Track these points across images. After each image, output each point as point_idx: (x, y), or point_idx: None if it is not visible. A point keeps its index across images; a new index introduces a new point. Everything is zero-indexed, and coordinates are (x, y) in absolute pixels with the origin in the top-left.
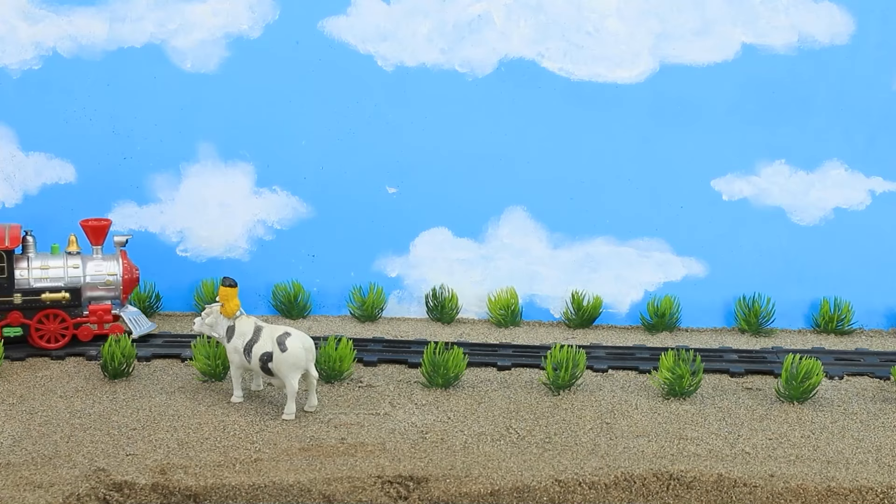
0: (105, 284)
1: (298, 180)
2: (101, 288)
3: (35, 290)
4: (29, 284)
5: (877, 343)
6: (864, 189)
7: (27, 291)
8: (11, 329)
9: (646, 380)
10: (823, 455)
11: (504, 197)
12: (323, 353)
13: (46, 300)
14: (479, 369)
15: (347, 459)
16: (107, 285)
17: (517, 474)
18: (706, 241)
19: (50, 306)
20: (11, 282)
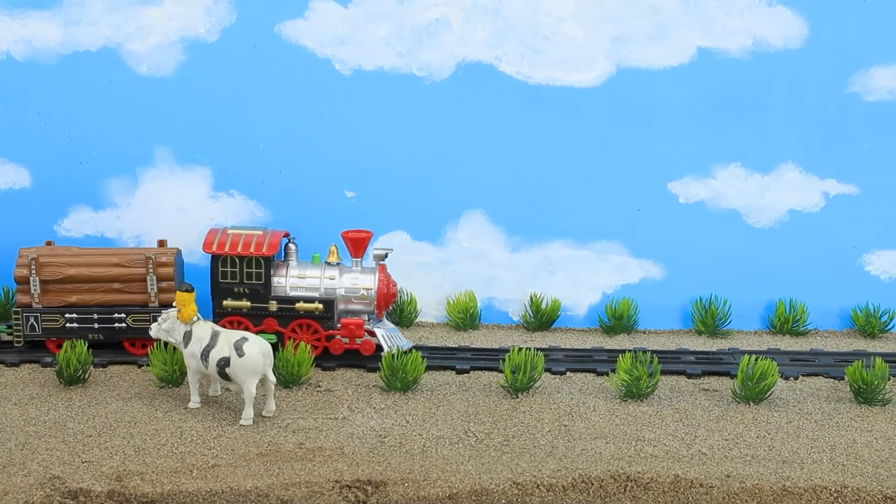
0: (360, 298)
1: (256, 185)
2: (356, 301)
3: (290, 298)
4: (285, 292)
5: (831, 343)
6: (819, 191)
7: (283, 299)
8: (266, 336)
9: (603, 382)
10: (779, 455)
11: (462, 200)
12: (281, 358)
13: (300, 310)
14: (437, 373)
15: (305, 464)
16: (361, 299)
17: (475, 477)
18: (663, 243)
19: (303, 316)
20: (268, 289)
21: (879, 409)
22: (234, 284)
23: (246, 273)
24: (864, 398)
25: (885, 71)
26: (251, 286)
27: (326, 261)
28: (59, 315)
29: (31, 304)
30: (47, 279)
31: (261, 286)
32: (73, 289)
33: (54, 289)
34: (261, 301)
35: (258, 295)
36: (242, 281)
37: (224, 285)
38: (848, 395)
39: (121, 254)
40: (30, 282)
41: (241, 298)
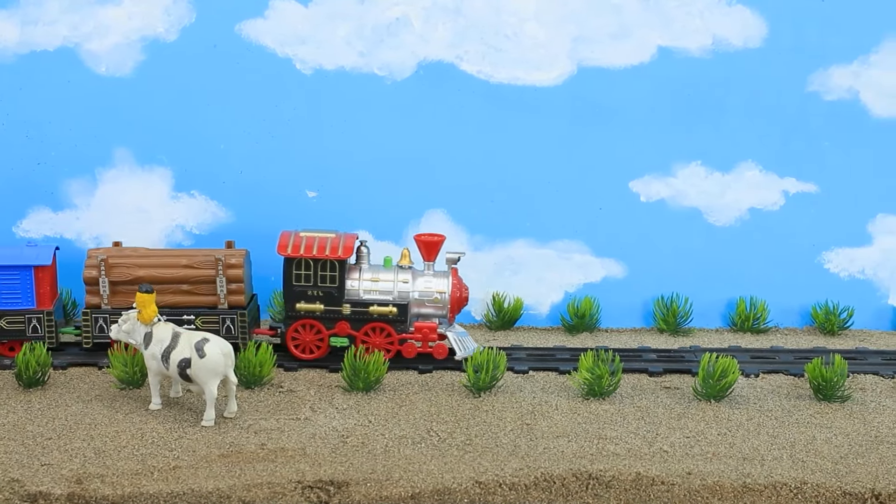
0: (433, 302)
1: (217, 185)
2: (429, 305)
3: (364, 301)
4: (359, 296)
5: (791, 341)
6: (778, 190)
7: (356, 303)
8: (338, 339)
9: (566, 380)
10: (739, 452)
11: (424, 200)
12: (243, 359)
13: (374, 313)
14: (399, 372)
15: (267, 465)
16: (434, 303)
17: (438, 477)
18: (625, 242)
19: (377, 319)
20: (342, 292)
21: (839, 405)
22: (308, 287)
23: (320, 276)
24: (824, 395)
25: (844, 70)
26: (325, 289)
27: (398, 264)
28: None
29: (99, 305)
30: (116, 280)
31: (335, 289)
32: None
33: (123, 290)
34: (334, 304)
35: (332, 298)
36: (316, 284)
37: (298, 288)
38: (808, 392)
39: (190, 255)
40: (99, 283)
41: (314, 301)
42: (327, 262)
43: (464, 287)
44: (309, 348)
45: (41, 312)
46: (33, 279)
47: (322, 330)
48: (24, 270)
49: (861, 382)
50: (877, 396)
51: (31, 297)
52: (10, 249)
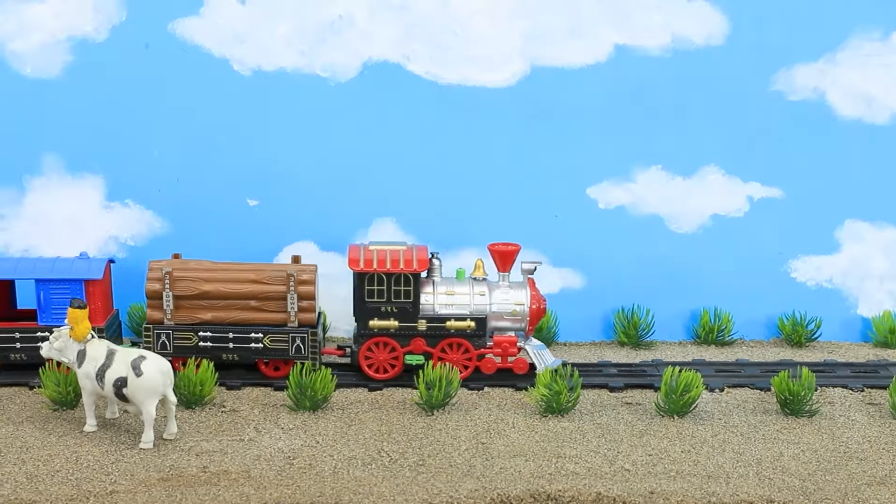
0: (511, 315)
1: (152, 193)
2: (507, 318)
3: (440, 317)
4: (434, 311)
5: (757, 353)
6: (742, 195)
7: (432, 318)
8: (414, 357)
9: (522, 397)
10: (704, 470)
11: (372, 208)
12: (182, 377)
13: (451, 328)
14: (349, 390)
15: (210, 489)
16: (513, 315)
17: (389, 499)
18: (583, 251)
19: (454, 335)
20: (417, 307)
21: (806, 420)
22: (382, 304)
23: (394, 291)
24: (791, 409)
25: (809, 69)
26: (399, 305)
27: (472, 276)
28: (191, 333)
29: (162, 320)
30: (181, 294)
31: (409, 304)
32: (207, 305)
33: (187, 305)
34: (409, 320)
35: (406, 314)
36: (390, 300)
37: (371, 305)
38: (774, 407)
39: (258, 270)
40: (162, 297)
41: (388, 318)
42: (401, 276)
43: (542, 299)
44: (383, 367)
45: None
46: (83, 294)
47: (396, 348)
48: (74, 284)
49: (829, 396)
50: (845, 410)
51: None
52: (61, 262)
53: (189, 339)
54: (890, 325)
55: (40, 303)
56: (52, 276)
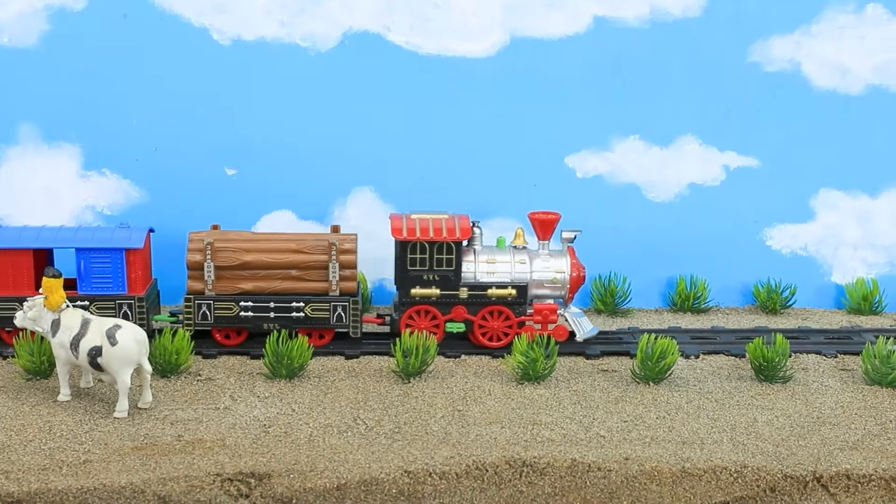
0: (551, 282)
1: (129, 162)
2: (548, 286)
3: (481, 285)
4: (475, 279)
5: (733, 321)
6: (719, 164)
7: (473, 286)
8: (455, 325)
9: (499, 364)
10: (678, 436)
11: (351, 177)
12: (158, 346)
13: (492, 296)
14: (325, 358)
15: (184, 457)
16: (553, 283)
17: (365, 467)
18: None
19: (495, 303)
20: (458, 275)
21: (780, 386)
22: (424, 272)
23: (436, 259)
24: (765, 376)
25: (785, 40)
26: (441, 273)
27: (513, 244)
28: (233, 303)
29: (203, 290)
30: (222, 265)
31: (451, 273)
32: (248, 275)
33: (228, 275)
34: (451, 288)
35: (448, 282)
36: (432, 268)
37: (413, 273)
38: (749, 373)
39: (299, 240)
40: (203, 267)
41: (430, 286)
42: (444, 245)
43: (581, 267)
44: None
45: (132, 298)
46: (125, 263)
47: (438, 315)
48: (114, 253)
49: (803, 362)
50: (819, 376)
51: (122, 282)
52: (101, 231)
53: (230, 309)
54: (863, 292)
55: (80, 272)
56: (93, 245)
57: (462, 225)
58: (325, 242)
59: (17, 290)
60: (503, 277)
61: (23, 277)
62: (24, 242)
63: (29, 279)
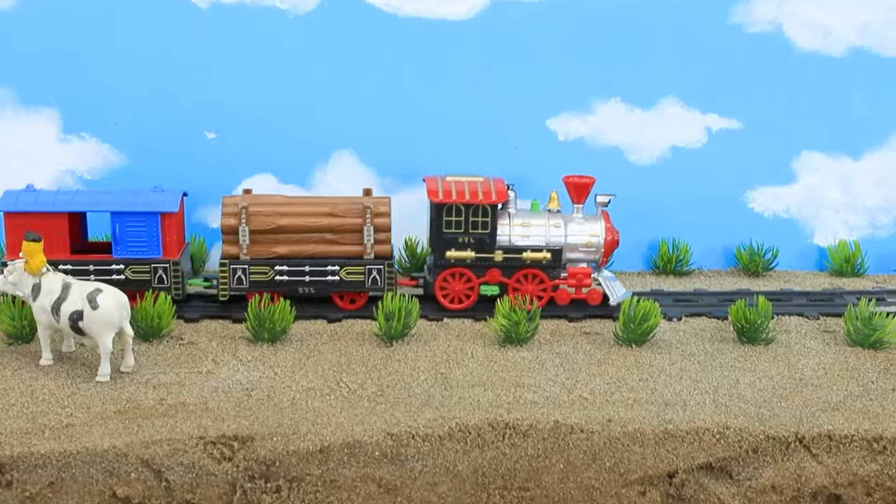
0: (586, 246)
1: (109, 126)
2: (582, 250)
3: (516, 248)
4: (510, 242)
5: (715, 283)
6: (701, 127)
7: (508, 249)
8: (489, 287)
9: (482, 327)
10: (661, 397)
11: (331, 140)
12: (139, 310)
13: (527, 259)
14: (307, 322)
15: (167, 421)
16: (587, 247)
17: (348, 429)
18: (542, 183)
19: (529, 266)
20: (493, 238)
21: (763, 348)
22: (459, 234)
23: (471, 222)
24: (748, 337)
25: (766, 1)
26: (476, 236)
27: (547, 208)
28: (268, 267)
29: (238, 255)
30: (257, 229)
31: (487, 236)
32: (283, 239)
33: (263, 239)
34: (486, 251)
35: (483, 245)
36: (468, 231)
37: (448, 236)
38: (731, 335)
39: (333, 203)
40: (238, 232)
41: (465, 249)
42: (479, 208)
43: (616, 231)
44: (458, 298)
45: (167, 262)
46: (160, 227)
47: (472, 278)
48: (149, 217)
49: (785, 324)
50: (801, 338)
51: (157, 246)
52: (135, 195)
53: (265, 273)
54: (845, 254)
55: (115, 235)
56: (128, 209)
57: (497, 188)
58: (359, 206)
59: (52, 254)
60: (538, 241)
61: (57, 241)
62: (58, 206)
63: (63, 243)
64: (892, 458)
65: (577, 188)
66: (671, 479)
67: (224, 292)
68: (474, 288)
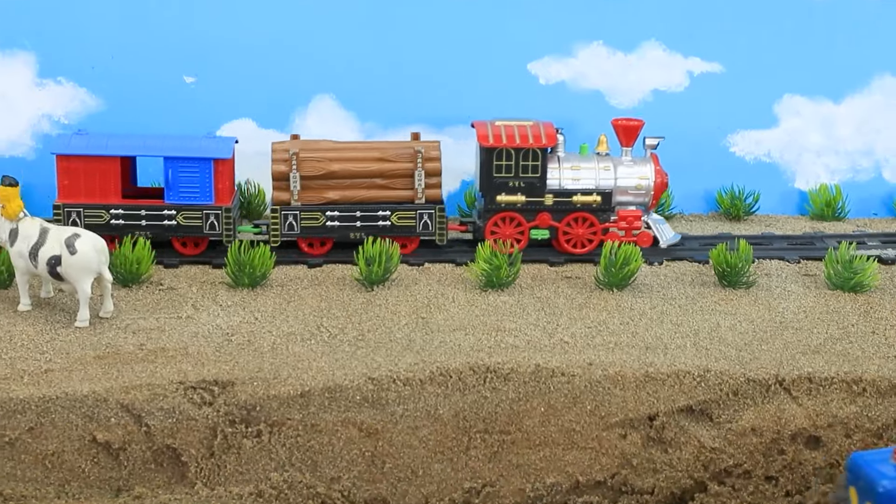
0: (635, 189)
1: (86, 70)
2: (631, 193)
3: (566, 191)
4: (560, 186)
5: (696, 227)
6: (683, 70)
7: (558, 193)
8: (539, 231)
9: (463, 272)
10: (642, 341)
11: (311, 85)
12: (118, 255)
13: (577, 203)
14: (288, 267)
15: (147, 366)
16: (637, 190)
17: (328, 374)
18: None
19: (579, 209)
20: (544, 182)
21: (743, 291)
22: (509, 179)
23: (522, 166)
24: (728, 281)
25: None
26: (527, 180)
27: (596, 151)
28: (319, 213)
29: (289, 201)
30: (308, 175)
31: (537, 179)
32: (334, 185)
33: (314, 185)
34: (536, 195)
35: (534, 189)
36: (518, 175)
37: (499, 180)
38: (712, 279)
39: (383, 148)
40: (289, 178)
41: (515, 193)
42: (530, 152)
43: (665, 174)
44: (510, 242)
45: (219, 209)
46: (212, 173)
47: (522, 222)
48: (202, 163)
49: (766, 268)
50: (782, 282)
51: (209, 193)
52: (189, 140)
53: (317, 219)
54: (826, 197)
55: (168, 181)
56: (181, 155)
57: (547, 131)
58: (410, 150)
59: (105, 198)
60: (588, 184)
61: (109, 185)
62: (112, 150)
63: (115, 187)
64: (870, 399)
65: (625, 131)
66: (652, 421)
67: (275, 239)
68: (524, 232)
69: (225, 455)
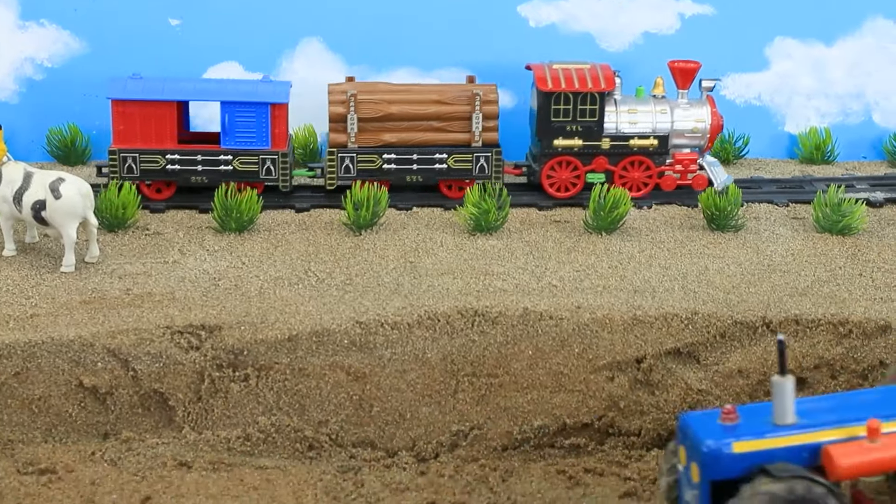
0: (692, 132)
1: (69, 12)
2: (688, 136)
3: (623, 135)
4: (617, 129)
5: None
6: (674, 12)
7: (615, 137)
8: (596, 175)
9: (451, 216)
10: (630, 284)
11: (298, 27)
12: (104, 200)
13: (634, 146)
14: (275, 212)
15: (133, 311)
16: (693, 133)
17: (316, 318)
18: (513, 70)
19: (636, 153)
20: (601, 126)
21: (732, 235)
22: (567, 123)
23: (580, 110)
24: (717, 225)
25: None
26: (584, 124)
27: (652, 94)
28: (376, 156)
29: (346, 143)
30: (365, 117)
31: (594, 123)
32: (391, 127)
33: (371, 127)
34: (593, 139)
35: (591, 133)
36: (575, 119)
37: (556, 124)
38: (701, 223)
39: (440, 90)
40: (346, 120)
41: (572, 137)
42: (587, 95)
43: (720, 116)
44: (565, 186)
45: (276, 154)
46: (269, 118)
47: (579, 166)
48: (259, 108)
49: (755, 211)
50: (770, 225)
51: (266, 137)
52: (245, 85)
53: (373, 161)
54: (815, 141)
55: (224, 125)
56: (238, 99)
57: (605, 74)
58: (468, 93)
59: (161, 143)
60: (645, 128)
61: (166, 130)
62: (168, 94)
63: (172, 132)
64: (856, 341)
65: (682, 73)
66: (639, 364)
67: (332, 181)
68: (580, 176)
69: (212, 399)
